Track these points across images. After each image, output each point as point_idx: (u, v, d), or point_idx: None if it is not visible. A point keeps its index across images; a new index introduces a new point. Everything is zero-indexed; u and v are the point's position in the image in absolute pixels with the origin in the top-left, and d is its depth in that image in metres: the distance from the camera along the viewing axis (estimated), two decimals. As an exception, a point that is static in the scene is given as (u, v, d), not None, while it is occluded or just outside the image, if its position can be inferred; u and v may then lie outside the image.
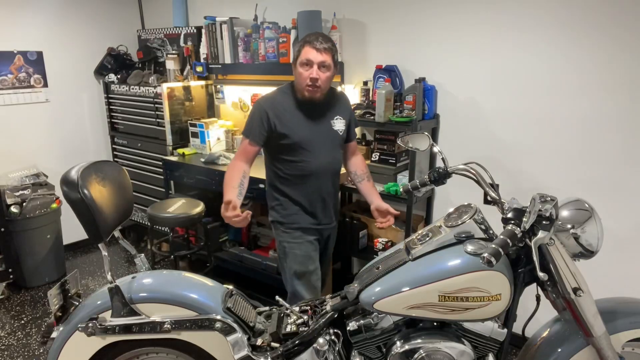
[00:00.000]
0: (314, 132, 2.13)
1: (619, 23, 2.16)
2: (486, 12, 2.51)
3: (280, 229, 2.23)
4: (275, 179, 2.21)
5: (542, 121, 2.45)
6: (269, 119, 2.07)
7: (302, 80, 2.04)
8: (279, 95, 2.16)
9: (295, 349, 1.59)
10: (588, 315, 1.42)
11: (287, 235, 2.21)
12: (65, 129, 4.09)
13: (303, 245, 2.19)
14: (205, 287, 1.73)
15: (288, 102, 2.13)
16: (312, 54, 1.99)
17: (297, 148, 2.10)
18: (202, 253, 3.46)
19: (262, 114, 2.08)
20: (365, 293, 1.54)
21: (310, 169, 2.13)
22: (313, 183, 2.15)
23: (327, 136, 2.17)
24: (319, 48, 1.99)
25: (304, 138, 2.10)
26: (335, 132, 2.18)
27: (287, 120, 2.09)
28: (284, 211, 2.21)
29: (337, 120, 2.19)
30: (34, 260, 3.56)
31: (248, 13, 3.41)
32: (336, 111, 2.20)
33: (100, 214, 1.56)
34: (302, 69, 2.03)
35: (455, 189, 2.72)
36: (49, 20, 3.87)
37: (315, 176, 2.15)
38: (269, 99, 2.15)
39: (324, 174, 2.17)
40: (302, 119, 2.12)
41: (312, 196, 2.18)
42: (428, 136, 1.81)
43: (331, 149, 2.18)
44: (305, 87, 2.04)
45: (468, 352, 1.47)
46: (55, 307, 1.65)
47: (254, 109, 2.13)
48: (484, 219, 1.52)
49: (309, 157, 2.12)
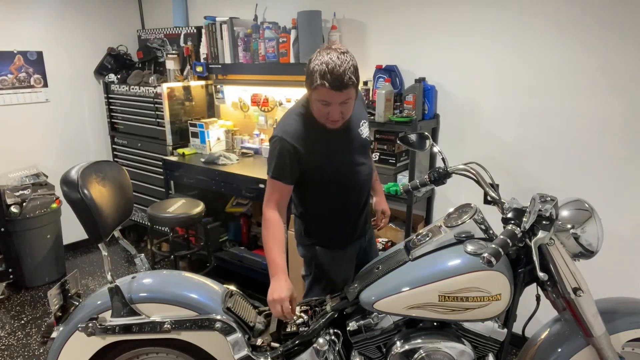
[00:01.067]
0: (347, 156, 1.83)
1: (620, 23, 2.16)
2: (486, 11, 2.51)
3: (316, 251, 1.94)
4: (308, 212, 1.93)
5: (542, 121, 2.45)
6: (299, 156, 1.73)
7: (321, 115, 1.71)
8: (301, 124, 1.76)
9: (295, 349, 1.60)
10: (588, 315, 1.42)
11: (328, 258, 1.93)
12: (65, 129, 4.09)
13: (344, 263, 1.96)
14: (205, 287, 1.73)
15: (312, 129, 1.76)
16: (330, 96, 1.61)
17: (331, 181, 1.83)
18: (202, 253, 3.46)
19: (290, 150, 1.72)
20: (365, 293, 1.54)
21: (347, 197, 1.88)
22: (349, 208, 1.91)
23: (360, 148, 1.88)
24: (336, 88, 1.59)
25: (338, 169, 1.81)
26: (364, 140, 1.91)
27: (317, 152, 1.76)
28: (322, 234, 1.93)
29: (363, 126, 1.90)
30: (34, 260, 3.56)
31: (248, 13, 3.41)
32: (360, 115, 1.91)
33: (100, 214, 1.56)
34: (319, 105, 1.67)
35: (455, 189, 2.72)
36: (49, 20, 3.87)
37: (355, 192, 1.90)
38: (291, 133, 1.74)
39: (362, 187, 1.92)
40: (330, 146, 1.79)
41: (349, 218, 1.93)
42: (428, 136, 1.81)
43: (365, 159, 1.91)
44: (325, 121, 1.72)
45: (468, 352, 1.47)
46: (55, 307, 1.65)
47: (278, 147, 1.73)
48: (484, 219, 1.52)
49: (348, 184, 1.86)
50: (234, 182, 3.10)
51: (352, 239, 1.95)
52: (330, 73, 1.57)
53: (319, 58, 1.61)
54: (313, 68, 1.61)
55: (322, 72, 1.58)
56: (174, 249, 3.29)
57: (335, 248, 1.93)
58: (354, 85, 1.64)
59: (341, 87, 1.59)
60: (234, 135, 3.72)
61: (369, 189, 1.99)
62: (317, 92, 1.62)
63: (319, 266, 1.94)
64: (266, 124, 3.59)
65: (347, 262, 1.98)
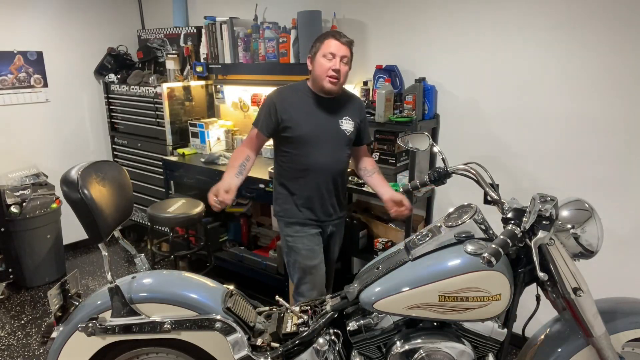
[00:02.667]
0: (320, 128, 2.15)
1: (620, 23, 2.16)
2: (487, 11, 2.51)
3: (281, 223, 2.28)
4: (279, 172, 2.26)
5: (543, 121, 2.45)
6: (276, 111, 2.12)
7: (323, 71, 2.07)
8: (290, 90, 2.20)
9: (295, 349, 1.60)
10: (588, 315, 1.42)
11: (289, 230, 2.25)
12: (65, 129, 4.09)
13: (305, 238, 2.22)
14: (205, 287, 1.73)
15: (298, 96, 2.17)
16: (336, 47, 2.05)
17: (299, 142, 2.13)
18: (202, 253, 3.46)
19: (271, 105, 2.13)
20: (365, 293, 1.54)
21: (309, 163, 2.15)
22: (311, 178, 2.17)
23: (333, 134, 2.18)
24: (342, 41, 2.06)
25: (307, 132, 2.12)
26: (342, 131, 2.20)
27: (294, 113, 2.13)
28: (284, 205, 2.25)
29: (345, 121, 2.21)
30: (34, 260, 3.56)
31: (248, 13, 3.41)
32: (346, 112, 2.22)
33: (100, 214, 1.56)
34: (323, 60, 2.06)
35: (455, 189, 2.72)
36: (49, 20, 3.87)
37: (314, 171, 2.17)
38: (279, 92, 2.19)
39: (324, 171, 2.18)
40: (310, 114, 2.15)
41: (310, 192, 2.20)
42: (428, 136, 1.81)
43: (335, 148, 2.19)
44: (327, 78, 2.07)
45: (468, 352, 1.47)
46: (55, 307, 1.65)
47: (264, 101, 2.19)
48: (484, 219, 1.52)
49: (311, 152, 2.14)
50: (234, 182, 3.10)
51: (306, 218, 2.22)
52: (336, 31, 2.12)
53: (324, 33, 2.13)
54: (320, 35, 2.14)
55: (330, 31, 2.14)
56: (174, 249, 3.29)
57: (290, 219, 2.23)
58: (352, 47, 2.12)
59: (344, 41, 2.07)
60: (234, 135, 3.72)
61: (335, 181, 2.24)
62: (325, 45, 2.06)
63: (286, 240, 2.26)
64: (266, 124, 3.58)
65: (308, 237, 2.22)
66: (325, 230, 2.30)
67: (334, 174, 2.22)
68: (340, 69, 2.07)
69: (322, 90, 2.13)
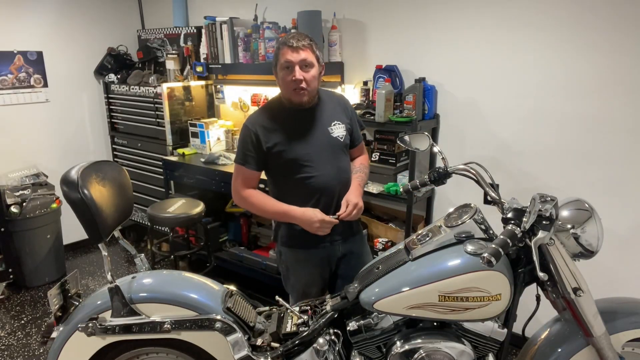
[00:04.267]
0: (312, 143, 1.90)
1: (620, 23, 2.16)
2: (486, 11, 2.51)
3: (283, 248, 2.02)
4: (279, 197, 1.94)
5: (542, 121, 2.45)
6: (260, 141, 1.86)
7: (286, 85, 1.84)
8: (265, 112, 1.93)
9: (295, 349, 1.60)
10: (588, 315, 1.42)
11: (291, 255, 2.00)
12: (65, 129, 4.09)
13: (309, 264, 1.98)
14: (205, 287, 1.73)
15: (275, 116, 1.91)
16: (289, 55, 1.80)
17: (295, 164, 1.88)
18: (202, 253, 3.46)
19: (251, 136, 1.87)
20: (365, 293, 1.54)
21: (312, 183, 1.89)
22: (318, 199, 1.91)
23: (327, 145, 1.93)
24: (295, 47, 1.79)
25: (300, 153, 1.88)
26: (335, 139, 1.94)
27: (279, 136, 1.87)
28: (290, 231, 1.96)
29: (335, 126, 1.95)
30: (34, 260, 3.56)
31: (248, 13, 3.41)
32: (333, 116, 1.97)
33: (100, 214, 1.56)
34: (283, 73, 1.83)
35: (455, 189, 2.72)
36: (49, 20, 3.87)
37: (320, 190, 1.90)
38: (254, 118, 1.92)
39: (330, 187, 1.92)
40: (296, 131, 1.89)
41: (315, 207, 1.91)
42: (428, 136, 1.81)
43: (334, 159, 1.94)
44: (291, 92, 1.84)
45: (468, 352, 1.47)
46: (55, 307, 1.65)
47: (242, 133, 1.91)
48: (484, 219, 1.52)
49: (312, 171, 1.89)
50: (234, 182, 3.10)
51: (317, 241, 1.93)
52: (289, 36, 1.84)
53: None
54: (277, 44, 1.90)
55: (284, 38, 1.86)
56: (174, 249, 3.29)
57: (298, 248, 1.98)
58: (311, 48, 1.84)
59: (298, 46, 1.80)
60: (234, 135, 3.72)
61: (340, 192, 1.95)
62: (280, 55, 1.83)
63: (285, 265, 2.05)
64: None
65: (312, 265, 1.98)
66: (336, 252, 2.00)
67: (340, 186, 1.96)
68: (304, 77, 1.80)
69: (293, 103, 1.88)
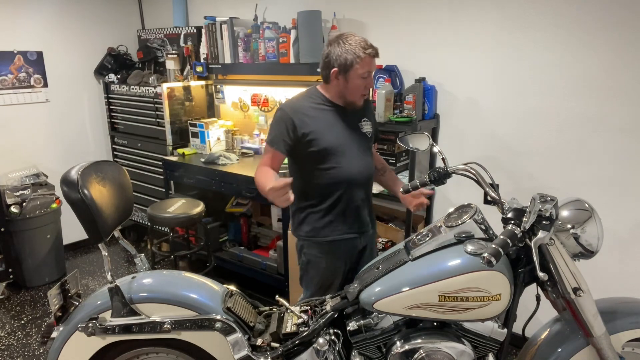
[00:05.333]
0: (344, 137, 1.97)
1: (620, 23, 2.16)
2: (487, 12, 2.51)
3: (308, 242, 2.05)
4: (305, 190, 2.01)
5: (543, 121, 2.45)
6: (295, 127, 1.90)
7: (356, 90, 1.91)
8: (304, 100, 1.99)
9: (295, 349, 1.60)
10: (588, 315, 1.42)
11: (316, 249, 2.03)
12: (65, 129, 4.09)
13: (333, 256, 2.03)
14: (205, 287, 1.73)
15: (314, 106, 1.97)
16: (371, 64, 1.89)
17: (327, 155, 1.94)
18: (202, 253, 3.46)
19: (287, 120, 1.91)
20: (365, 293, 1.54)
21: (343, 176, 1.95)
22: (345, 190, 1.97)
23: (357, 140, 2.01)
24: (373, 55, 1.89)
25: (333, 143, 1.93)
26: (364, 134, 2.05)
27: (315, 125, 1.93)
28: (315, 224, 2.01)
29: (364, 123, 2.06)
30: (34, 260, 3.56)
31: (248, 13, 3.41)
32: (363, 114, 2.07)
33: (100, 214, 1.56)
34: (359, 81, 1.88)
35: (455, 189, 2.72)
36: (49, 20, 3.87)
37: (348, 182, 1.97)
38: (293, 104, 1.98)
39: (357, 180, 1.99)
40: (331, 123, 1.96)
41: (345, 204, 1.99)
42: (428, 136, 1.81)
43: (362, 153, 2.02)
44: (359, 97, 1.94)
45: (468, 352, 1.47)
46: (55, 307, 1.65)
47: (277, 116, 1.96)
48: (484, 219, 1.52)
49: (341, 163, 1.95)
50: (234, 182, 3.10)
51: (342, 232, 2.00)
52: (370, 46, 1.87)
53: (347, 42, 1.85)
54: (348, 49, 1.84)
55: (363, 45, 1.85)
56: (174, 249, 3.30)
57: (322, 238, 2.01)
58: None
59: (378, 54, 1.91)
60: (234, 135, 3.72)
61: (367, 190, 2.05)
62: (362, 64, 1.85)
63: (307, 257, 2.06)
64: (266, 124, 3.59)
65: (336, 257, 2.02)
66: (357, 245, 2.08)
67: (366, 181, 2.05)
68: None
69: (349, 104, 1.97)
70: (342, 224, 2.00)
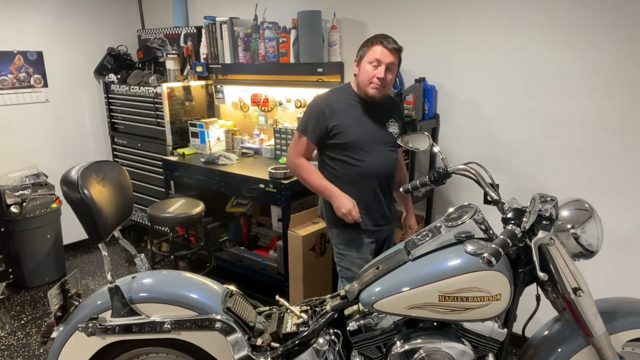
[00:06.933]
0: (370, 132, 2.10)
1: (620, 23, 2.16)
2: (487, 12, 2.51)
3: (336, 231, 2.20)
4: (329, 179, 2.14)
5: (543, 121, 2.45)
6: (325, 118, 2.06)
7: (367, 77, 2.03)
8: (336, 94, 2.15)
9: (295, 349, 1.60)
10: (588, 315, 1.42)
11: (343, 237, 2.18)
12: (65, 129, 4.09)
13: (360, 247, 2.17)
14: (205, 287, 1.73)
15: (345, 101, 2.12)
16: (383, 54, 1.99)
17: (352, 147, 2.08)
18: (202, 253, 3.46)
19: (319, 112, 2.07)
20: (365, 293, 1.54)
21: (366, 169, 2.10)
22: (369, 183, 2.12)
23: (383, 137, 2.14)
24: (389, 48, 2.00)
25: (360, 137, 2.08)
26: (390, 134, 2.17)
27: (343, 118, 2.07)
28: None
29: (391, 123, 2.19)
30: (34, 260, 3.56)
31: (248, 13, 3.41)
32: (391, 114, 2.20)
33: (100, 214, 1.56)
34: (369, 67, 2.02)
35: (455, 189, 2.72)
36: (49, 20, 3.87)
37: (371, 176, 2.12)
38: (325, 98, 2.14)
39: (379, 174, 2.14)
40: (359, 118, 2.10)
41: (368, 196, 2.14)
42: (428, 136, 1.81)
43: (385, 150, 2.15)
44: (370, 85, 2.03)
45: (468, 352, 1.47)
46: (55, 307, 1.65)
47: (311, 107, 2.13)
48: (484, 219, 1.52)
49: (365, 157, 2.09)
50: (234, 182, 3.10)
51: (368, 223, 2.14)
52: (384, 37, 2.04)
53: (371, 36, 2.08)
54: (368, 39, 2.06)
55: (378, 35, 2.05)
56: (174, 249, 3.29)
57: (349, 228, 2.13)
58: (399, 54, 2.06)
59: (391, 48, 2.00)
60: (234, 135, 3.72)
61: (389, 184, 2.21)
62: (371, 51, 2.01)
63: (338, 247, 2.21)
64: (266, 124, 3.59)
65: (365, 245, 2.16)
66: (379, 238, 2.25)
67: (388, 176, 2.19)
68: (386, 77, 2.02)
69: (366, 95, 2.08)
70: (365, 216, 2.13)
